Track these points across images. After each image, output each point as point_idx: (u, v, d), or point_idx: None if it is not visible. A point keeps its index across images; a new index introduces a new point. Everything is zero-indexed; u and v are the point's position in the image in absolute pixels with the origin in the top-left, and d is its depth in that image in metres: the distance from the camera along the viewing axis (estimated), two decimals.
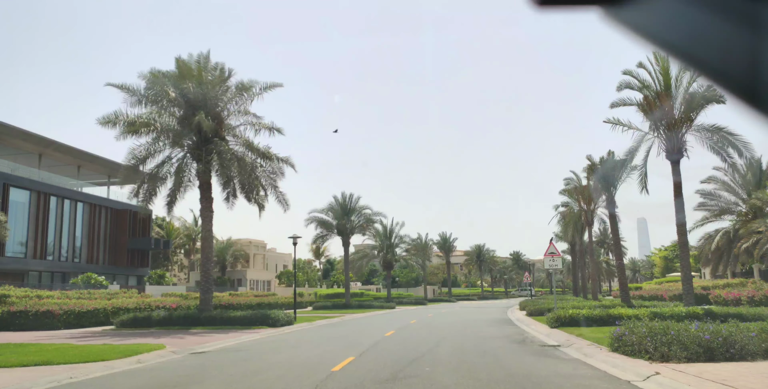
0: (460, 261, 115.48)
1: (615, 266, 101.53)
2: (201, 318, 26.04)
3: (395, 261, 66.47)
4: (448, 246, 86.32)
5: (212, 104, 27.18)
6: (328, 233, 52.60)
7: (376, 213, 53.48)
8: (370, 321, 31.86)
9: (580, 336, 17.29)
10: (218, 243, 62.42)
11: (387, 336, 19.51)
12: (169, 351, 16.09)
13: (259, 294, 54.36)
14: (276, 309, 43.57)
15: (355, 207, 52.65)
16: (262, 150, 28.26)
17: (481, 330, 22.40)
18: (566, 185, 40.88)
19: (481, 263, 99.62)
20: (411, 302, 64.15)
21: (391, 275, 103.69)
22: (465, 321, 29.62)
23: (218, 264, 61.59)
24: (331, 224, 52.00)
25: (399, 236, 65.62)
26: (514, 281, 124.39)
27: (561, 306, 30.53)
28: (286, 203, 29.31)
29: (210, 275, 27.43)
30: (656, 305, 29.83)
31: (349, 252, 53.25)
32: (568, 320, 21.24)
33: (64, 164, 49.65)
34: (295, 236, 30.70)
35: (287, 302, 52.27)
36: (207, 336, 21.55)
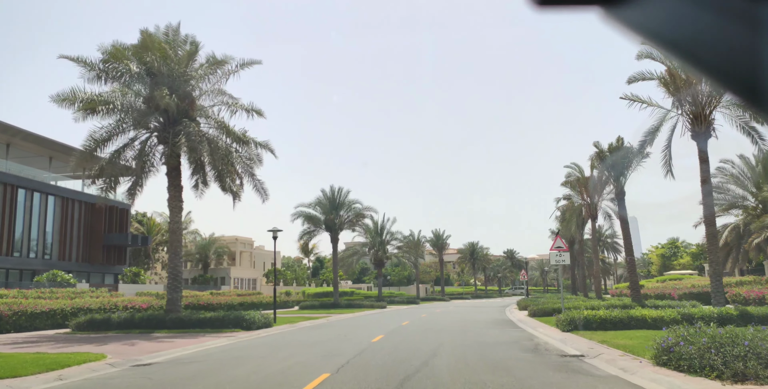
0: (453, 259, 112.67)
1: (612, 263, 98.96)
2: (167, 320, 23.01)
3: (386, 259, 63.48)
4: (441, 244, 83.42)
5: (181, 81, 24.15)
6: (315, 229, 49.58)
7: (367, 208, 50.57)
8: (358, 322, 28.91)
9: (603, 343, 14.39)
10: (201, 240, 59.18)
11: (374, 342, 16.55)
12: (106, 362, 13.09)
13: (243, 293, 51.31)
14: (257, 310, 40.57)
15: (344, 201, 49.66)
16: (238, 134, 25.26)
17: (482, 333, 19.47)
18: (567, 176, 38.06)
19: (474, 262, 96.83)
20: (403, 301, 61.23)
21: (383, 273, 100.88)
22: (462, 322, 26.72)
23: (201, 262, 58.45)
24: (319, 219, 48.99)
25: (390, 232, 62.67)
26: (508, 280, 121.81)
27: (569, 305, 27.74)
28: (265, 192, 26.33)
29: (178, 272, 24.38)
30: (671, 304, 27.03)
31: (337, 249, 50.26)
32: (582, 322, 18.36)
33: (34, 154, 46.37)
34: (275, 229, 27.71)
35: (271, 301, 49.24)
36: (167, 341, 18.54)
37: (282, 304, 49.95)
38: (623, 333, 16.50)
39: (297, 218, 48.48)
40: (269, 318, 25.05)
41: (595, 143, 29.85)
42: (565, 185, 37.97)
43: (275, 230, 27.67)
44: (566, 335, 17.36)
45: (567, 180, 37.87)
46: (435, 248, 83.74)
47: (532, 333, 19.18)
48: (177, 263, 24.39)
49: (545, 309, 28.20)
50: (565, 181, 37.89)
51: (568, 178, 37.91)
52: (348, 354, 13.57)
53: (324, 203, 48.98)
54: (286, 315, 36.39)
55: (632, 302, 28.13)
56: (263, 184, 26.20)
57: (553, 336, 17.48)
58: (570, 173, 37.81)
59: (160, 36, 24.26)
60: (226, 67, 25.09)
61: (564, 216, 54.51)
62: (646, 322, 18.10)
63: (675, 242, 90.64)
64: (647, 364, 10.56)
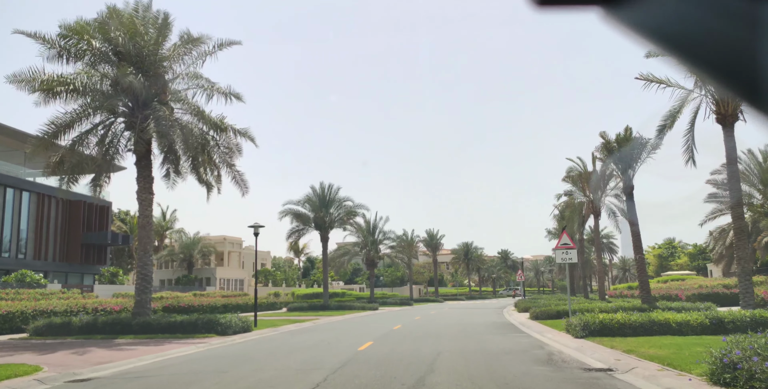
0: (447, 260, 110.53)
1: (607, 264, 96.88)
2: (133, 324, 20.66)
3: (379, 259, 61.20)
4: (435, 243, 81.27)
5: (151, 62, 21.82)
6: (304, 228, 47.22)
7: (358, 206, 48.27)
8: (346, 325, 26.62)
9: (630, 353, 12.17)
10: (185, 239, 56.66)
11: (361, 351, 14.26)
12: (36, 378, 10.79)
13: (229, 294, 48.89)
14: (242, 312, 38.27)
15: (334, 199, 47.33)
16: (215, 120, 22.94)
17: (485, 339, 17.21)
18: (569, 171, 35.89)
19: (468, 262, 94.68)
20: (396, 302, 58.96)
21: (375, 274, 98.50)
22: (460, 325, 24.47)
23: (185, 262, 55.96)
24: (308, 217, 46.65)
25: (383, 231, 60.38)
26: (502, 281, 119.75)
27: (575, 307, 25.57)
28: (245, 185, 24.05)
29: (148, 271, 22.03)
30: (684, 306, 24.86)
31: (327, 248, 47.93)
32: (598, 327, 16.13)
33: (9, 148, 43.86)
34: (257, 225, 25.39)
35: (259, 303, 46.83)
36: (126, 349, 16.21)
37: (269, 306, 47.62)
38: (648, 341, 14.29)
39: (285, 216, 46.15)
40: (248, 321, 22.72)
41: (601, 133, 27.69)
42: (567, 180, 35.82)
43: (256, 226, 25.35)
44: (581, 342, 15.12)
45: (568, 175, 35.71)
46: (429, 248, 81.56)
47: (541, 340, 16.93)
48: (146, 262, 22.05)
49: (549, 312, 26.01)
50: (567, 176, 35.73)
51: (569, 173, 35.76)
52: (328, 366, 11.28)
53: (313, 201, 46.66)
54: (271, 318, 34.06)
55: (642, 303, 25.96)
56: (243, 175, 23.93)
57: (567, 343, 15.24)
58: (572, 168, 35.68)
59: (128, 11, 21.93)
60: (202, 47, 22.79)
61: (563, 215, 52.48)
62: (670, 327, 15.90)
63: (672, 243, 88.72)
64: (701, 384, 8.33)
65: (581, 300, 37.59)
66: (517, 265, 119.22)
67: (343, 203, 47.74)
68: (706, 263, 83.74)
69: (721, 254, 43.26)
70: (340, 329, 23.97)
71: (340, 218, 47.47)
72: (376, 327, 24.33)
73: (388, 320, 30.32)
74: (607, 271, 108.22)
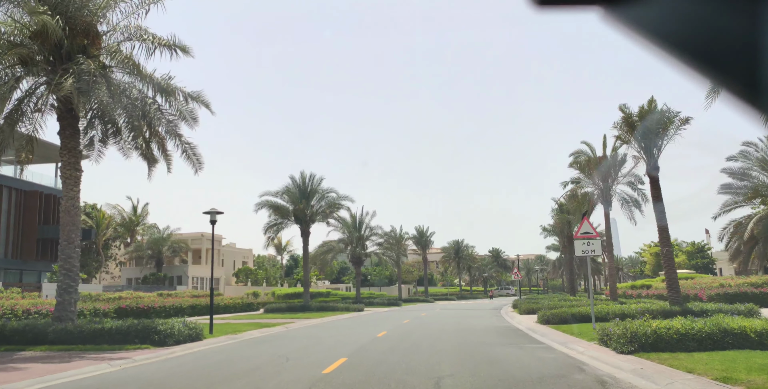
0: (437, 259, 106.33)
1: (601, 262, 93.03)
2: (49, 332, 16.16)
3: (365, 256, 56.85)
4: (425, 241, 76.99)
5: (78, 8, 17.36)
6: (283, 221, 42.73)
7: (342, 197, 43.83)
8: (322, 332, 22.24)
9: (725, 382, 7.91)
10: (154, 234, 51.85)
11: (325, 377, 9.89)
12: None
13: (200, 294, 44.37)
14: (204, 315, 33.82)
15: (316, 189, 42.90)
16: (158, 80, 18.49)
17: (497, 355, 12.83)
18: (577, 156, 31.69)
19: (459, 261, 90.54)
20: (383, 302, 54.59)
21: (363, 273, 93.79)
22: (459, 332, 20.19)
23: (153, 259, 51.17)
24: (287, 209, 42.18)
25: (370, 227, 56.06)
26: (493, 280, 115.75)
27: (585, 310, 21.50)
28: (197, 159, 19.59)
29: (72, 265, 17.49)
30: (721, 308, 20.70)
31: (308, 244, 43.48)
32: (652, 340, 11.84)
33: None
34: (214, 211, 20.90)
35: (234, 304, 42.36)
36: (16, 369, 11.82)
37: (245, 306, 43.11)
38: (729, 358, 10.06)
39: (261, 209, 41.65)
40: (199, 328, 18.26)
41: (621, 106, 23.52)
42: (574, 166, 31.57)
43: (213, 213, 20.87)
44: (632, 360, 10.85)
45: (576, 161, 31.47)
46: (418, 246, 77.29)
47: (572, 355, 12.62)
48: (71, 255, 17.51)
49: (562, 315, 21.77)
50: (574, 161, 31.47)
51: (577, 158, 31.52)
52: None
53: (293, 192, 42.20)
54: (240, 321, 29.63)
55: (672, 305, 21.79)
56: (194, 148, 19.45)
57: (613, 362, 10.94)
58: (581, 152, 31.44)
59: None
60: None
61: (561, 209, 48.32)
62: (748, 339, 11.67)
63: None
64: None
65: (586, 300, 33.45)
66: (509, 264, 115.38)
67: (326, 194, 43.35)
68: (705, 261, 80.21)
69: (737, 250, 39.23)
70: (312, 337, 19.58)
71: (322, 210, 43.05)
72: (356, 335, 19.98)
73: (372, 324, 25.97)
74: (603, 270, 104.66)
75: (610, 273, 31.35)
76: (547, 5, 0.97)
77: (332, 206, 43.37)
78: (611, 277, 31.18)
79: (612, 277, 31.00)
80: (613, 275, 31.17)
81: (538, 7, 0.96)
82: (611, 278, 31.15)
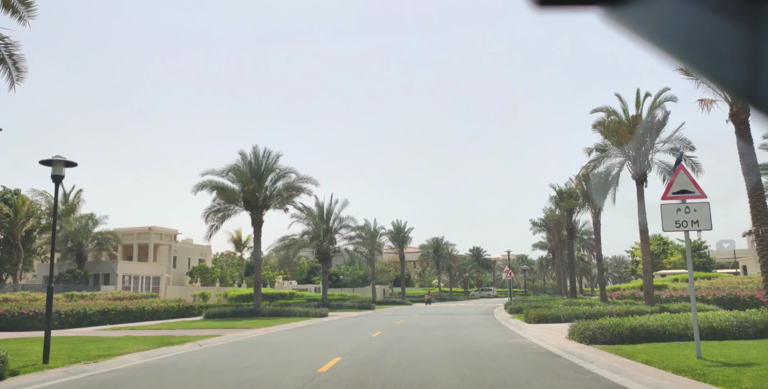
0: (414, 258, 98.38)
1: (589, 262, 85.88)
2: None
3: (334, 252, 48.60)
4: (403, 237, 68.88)
5: None
6: (229, 206, 34.34)
7: (304, 179, 35.57)
8: (244, 357, 14.04)
9: None
10: (71, 223, 42.76)
11: None
12: None
13: (125, 296, 35.78)
14: (116, 323, 25.63)
15: (271, 167, 34.62)
16: None
17: None
18: (609, 114, 23.90)
19: (438, 259, 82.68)
20: (353, 305, 46.38)
21: (335, 273, 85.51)
22: (459, 359, 12.14)
23: (72, 252, 42.25)
24: (235, 191, 33.84)
25: (340, 218, 47.87)
26: (474, 281, 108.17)
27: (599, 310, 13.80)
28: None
29: None
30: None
31: (260, 235, 35.16)
32: None
33: None
34: (59, 159, 12.60)
35: (167, 308, 33.79)
36: None
37: (182, 311, 34.64)
38: None
39: (201, 190, 33.21)
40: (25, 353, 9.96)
41: None
42: (598, 128, 23.77)
43: (57, 162, 12.48)
44: None
45: (601, 123, 23.69)
46: (395, 243, 69.18)
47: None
48: None
49: (616, 330, 13.83)
50: (599, 123, 23.71)
51: (605, 120, 23.71)
52: None
53: (242, 170, 33.86)
54: (143, 332, 21.41)
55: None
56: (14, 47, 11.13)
57: None
58: (609, 110, 23.64)
59: None
60: None
61: (561, 197, 40.68)
62: None
63: (663, 239, 78.15)
64: None
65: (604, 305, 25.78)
66: (490, 264, 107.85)
67: (284, 174, 35.09)
68: (702, 260, 73.49)
69: None
70: (230, 367, 11.39)
71: (278, 194, 34.76)
72: (290, 364, 11.82)
73: (326, 339, 17.77)
74: (589, 269, 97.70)
75: (645, 271, 23.52)
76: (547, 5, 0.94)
77: (291, 188, 35.10)
78: (646, 275, 23.41)
79: (647, 275, 23.25)
80: (648, 275, 23.38)
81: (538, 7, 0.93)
82: (646, 275, 23.38)
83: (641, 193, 23.54)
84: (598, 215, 31.26)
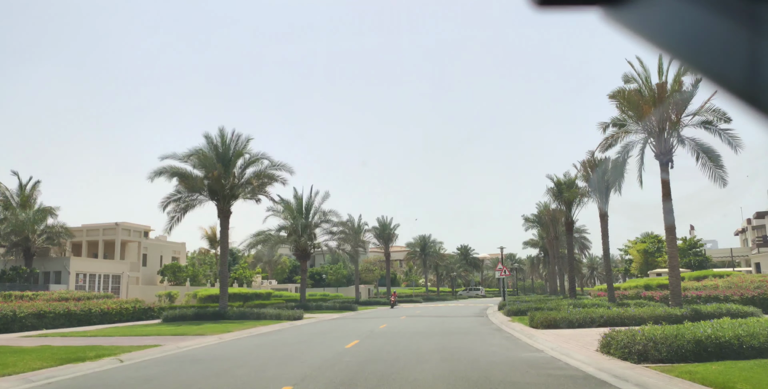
0: (400, 257, 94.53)
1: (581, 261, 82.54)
2: None
3: (314, 248, 44.61)
4: (388, 234, 64.98)
5: None
6: (192, 195, 30.26)
7: (278, 166, 31.53)
8: (168, 380, 10.07)
9: None
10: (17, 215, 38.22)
11: None
12: None
13: (73, 296, 31.54)
14: (51, 328, 21.55)
15: (240, 152, 30.55)
16: None
17: None
18: (627, 80, 20.14)
19: (426, 258, 78.87)
20: (334, 307, 42.37)
21: (318, 272, 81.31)
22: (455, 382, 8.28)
23: (19, 247, 37.79)
24: (197, 178, 29.77)
25: (321, 212, 43.90)
26: (462, 280, 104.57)
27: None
28: None
29: None
30: None
31: (227, 227, 31.09)
32: None
33: None
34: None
35: (120, 310, 29.65)
36: None
37: (139, 314, 30.52)
38: None
39: (159, 177, 29.09)
40: None
41: None
42: (617, 99, 20.03)
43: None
44: None
45: (620, 92, 19.94)
46: (380, 240, 65.27)
47: None
48: None
49: (674, 343, 10.02)
50: (618, 92, 19.94)
51: (625, 89, 19.96)
52: None
53: (207, 155, 29.77)
54: (70, 340, 17.42)
55: None
56: None
57: None
58: (629, 76, 19.92)
59: None
60: None
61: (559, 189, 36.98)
62: None
63: (657, 237, 74.86)
64: None
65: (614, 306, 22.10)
66: (478, 263, 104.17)
67: (255, 160, 31.06)
68: (699, 259, 70.36)
69: None
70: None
71: (248, 182, 30.73)
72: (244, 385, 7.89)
73: (283, 355, 13.72)
74: (580, 268, 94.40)
75: (672, 266, 19.78)
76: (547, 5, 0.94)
77: (262, 176, 31.05)
78: (673, 270, 19.67)
79: (674, 270, 19.51)
80: (675, 272, 19.64)
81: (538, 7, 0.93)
82: (673, 270, 19.65)
83: (666, 175, 19.83)
84: (605, 205, 27.59)
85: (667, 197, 19.60)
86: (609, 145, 21.63)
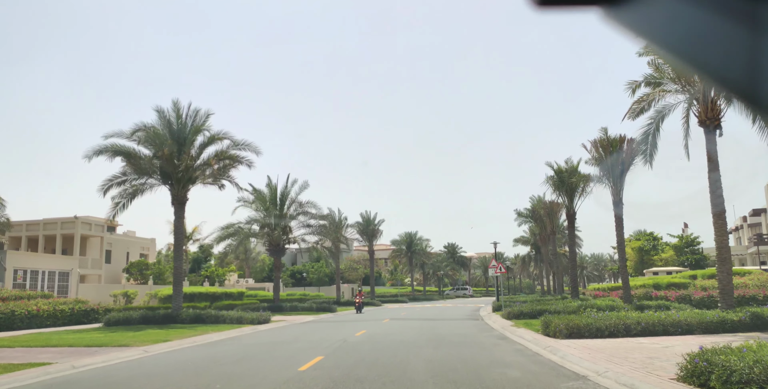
0: (385, 256, 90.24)
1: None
2: None
3: (289, 243, 40.06)
4: (372, 230, 60.55)
5: None
6: (140, 178, 25.67)
7: (242, 145, 26.99)
8: None
9: None
10: None
11: None
12: None
13: (9, 296, 26.87)
14: None
15: (198, 128, 26.00)
16: None
17: None
18: None
19: (412, 256, 74.52)
20: (311, 308, 37.87)
21: (299, 270, 76.77)
22: None
23: None
24: (146, 158, 25.19)
25: (298, 202, 39.37)
26: (449, 279, 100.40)
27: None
28: None
29: None
30: None
31: (183, 217, 26.58)
32: None
33: None
34: None
35: (53, 313, 25.01)
36: None
37: (79, 316, 25.95)
38: None
39: (98, 156, 24.43)
40: None
41: None
42: (646, 54, 15.87)
43: None
44: None
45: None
46: (363, 237, 60.82)
47: None
48: None
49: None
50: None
51: None
52: None
53: (158, 132, 25.19)
54: None
55: None
56: None
57: None
58: None
59: None
60: None
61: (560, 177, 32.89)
62: None
63: (652, 234, 71.23)
64: None
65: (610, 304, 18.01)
66: (466, 261, 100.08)
67: (216, 139, 26.52)
68: (696, 257, 66.71)
69: None
70: None
71: (207, 163, 26.21)
72: None
73: (209, 382, 9.34)
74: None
75: (722, 260, 15.61)
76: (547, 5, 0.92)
77: (223, 157, 26.51)
78: (723, 264, 15.50)
79: (725, 264, 15.37)
80: (727, 267, 15.48)
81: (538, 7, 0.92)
82: (723, 265, 15.48)
83: (713, 145, 15.67)
84: (621, 191, 23.49)
85: (714, 170, 15.44)
86: (641, 109, 17.44)
